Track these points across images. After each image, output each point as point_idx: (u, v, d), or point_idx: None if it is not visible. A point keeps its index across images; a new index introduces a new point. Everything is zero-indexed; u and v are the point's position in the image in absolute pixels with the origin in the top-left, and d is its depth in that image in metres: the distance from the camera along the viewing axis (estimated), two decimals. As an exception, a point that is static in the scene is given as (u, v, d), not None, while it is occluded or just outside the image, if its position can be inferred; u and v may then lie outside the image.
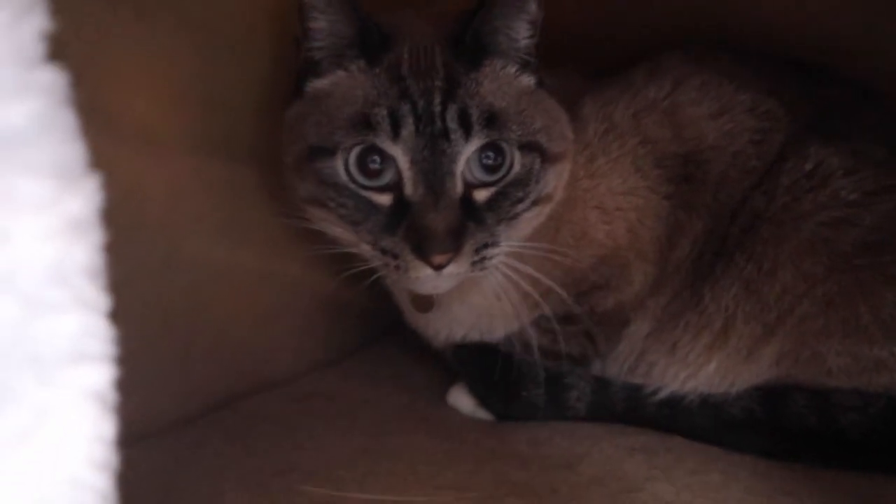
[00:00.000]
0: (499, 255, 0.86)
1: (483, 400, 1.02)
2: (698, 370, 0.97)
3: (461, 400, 1.04)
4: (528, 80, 0.88)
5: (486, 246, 0.84)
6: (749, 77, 1.01)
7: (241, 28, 0.97)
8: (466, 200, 0.83)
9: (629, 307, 1.02)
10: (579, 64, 1.06)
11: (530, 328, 0.99)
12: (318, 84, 0.87)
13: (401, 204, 0.82)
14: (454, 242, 0.81)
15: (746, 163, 0.98)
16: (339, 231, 0.87)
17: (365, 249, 0.85)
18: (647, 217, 0.98)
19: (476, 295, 0.91)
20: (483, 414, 1.02)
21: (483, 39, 0.85)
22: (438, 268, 0.81)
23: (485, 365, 1.00)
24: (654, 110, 0.99)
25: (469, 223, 0.83)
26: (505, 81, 0.86)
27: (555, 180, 0.89)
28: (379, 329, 1.22)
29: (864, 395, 0.89)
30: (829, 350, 0.90)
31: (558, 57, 0.93)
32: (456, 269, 0.82)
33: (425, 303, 0.98)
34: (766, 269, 0.94)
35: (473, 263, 0.83)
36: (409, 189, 0.82)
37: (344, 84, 0.85)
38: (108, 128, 0.81)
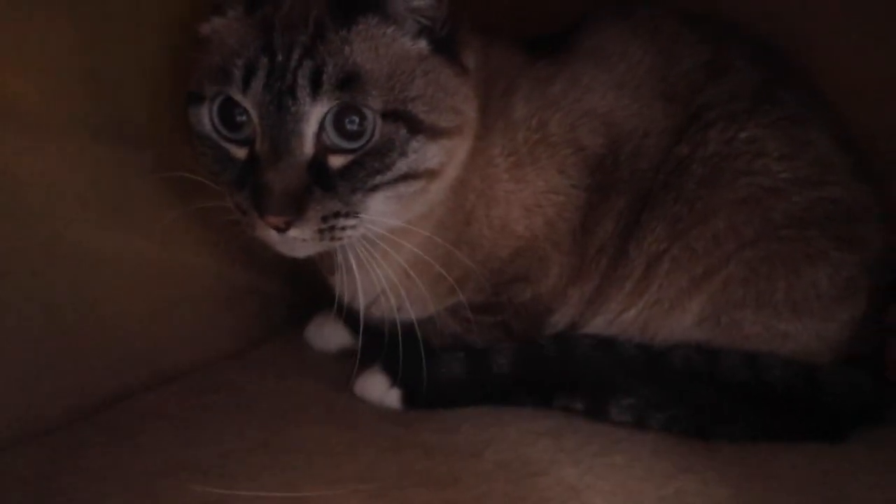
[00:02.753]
0: (356, 226, 0.82)
1: (400, 378, 0.97)
2: (618, 315, 0.98)
3: (369, 387, 0.99)
4: (416, 45, 0.84)
5: (336, 215, 0.80)
6: (688, 47, 0.99)
7: (128, 2, 0.92)
8: (318, 164, 0.80)
9: (547, 299, 1.00)
10: (518, 28, 1.03)
11: (445, 314, 0.97)
12: (203, 28, 0.85)
13: (254, 159, 0.80)
14: (293, 205, 0.78)
15: (659, 125, 0.97)
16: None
17: (228, 203, 0.84)
18: (567, 209, 0.97)
19: (377, 267, 0.87)
20: (392, 401, 0.97)
21: None
22: (278, 229, 0.79)
23: (400, 338, 0.95)
24: (593, 118, 0.97)
25: (316, 188, 0.79)
26: (382, 42, 0.82)
27: (441, 156, 0.85)
28: (284, 319, 1.18)
29: (782, 356, 0.95)
30: (744, 318, 0.95)
31: (497, 21, 0.91)
32: (300, 234, 0.80)
33: (328, 265, 0.96)
34: (698, 209, 0.94)
35: (321, 231, 0.80)
36: (258, 144, 0.80)
37: (221, 31, 0.83)
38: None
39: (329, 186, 0.80)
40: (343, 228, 0.81)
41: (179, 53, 0.92)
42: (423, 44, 0.84)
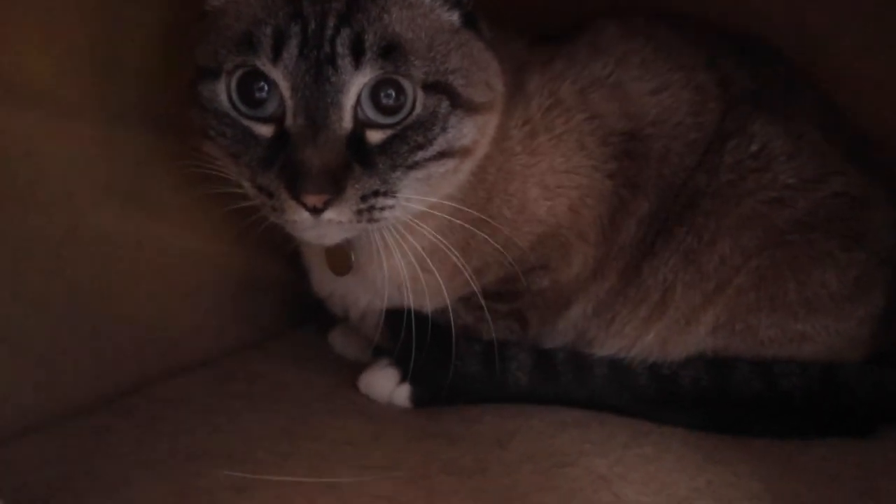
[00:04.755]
0: (394, 207, 0.78)
1: (413, 373, 0.95)
2: (635, 341, 0.97)
3: (376, 384, 0.97)
4: (450, 17, 0.81)
5: (376, 194, 0.76)
6: (685, 50, 0.99)
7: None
8: (357, 140, 0.75)
9: (568, 289, 0.99)
10: (522, 28, 1.01)
11: (458, 304, 0.95)
12: (214, 1, 0.80)
13: (282, 137, 0.75)
14: (333, 183, 0.73)
15: (686, 136, 0.96)
16: (224, 168, 0.81)
17: (247, 188, 0.78)
18: (590, 196, 0.95)
19: (400, 258, 0.84)
20: (401, 399, 0.95)
21: None
22: (314, 211, 0.74)
23: (417, 331, 0.91)
24: (601, 86, 0.96)
25: (355, 165, 0.75)
26: (419, 12, 0.78)
27: (474, 133, 0.82)
28: (307, 310, 1.17)
29: (800, 361, 0.94)
30: (759, 322, 0.93)
31: (502, 19, 0.90)
32: (337, 216, 0.75)
33: (341, 263, 0.91)
34: (706, 239, 0.94)
35: (360, 212, 0.75)
36: (289, 119, 0.74)
37: (239, 0, 0.78)
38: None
39: (368, 163, 0.76)
40: (382, 209, 0.77)
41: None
42: (455, 16, 0.81)
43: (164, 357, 0.99)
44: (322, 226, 0.77)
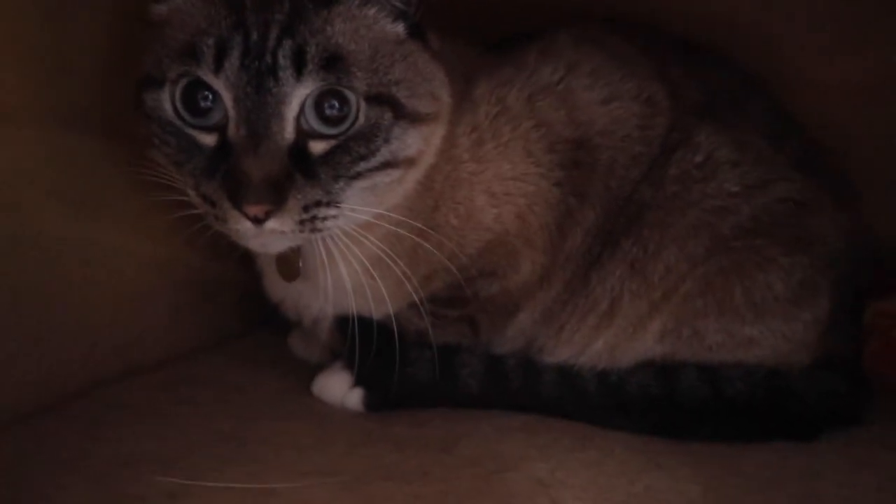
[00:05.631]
0: (337, 217, 0.79)
1: (364, 377, 0.95)
2: (584, 349, 0.97)
3: (329, 388, 0.97)
4: (395, 28, 0.81)
5: (318, 204, 0.77)
6: (637, 60, 1.00)
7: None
8: (300, 151, 0.76)
9: (516, 295, 0.99)
10: (470, 37, 1.02)
11: (407, 310, 0.95)
12: (158, 9, 0.80)
13: (225, 146, 0.75)
14: (274, 194, 0.73)
15: (633, 149, 0.97)
16: (171, 175, 0.81)
17: (191, 195, 0.78)
18: (537, 204, 0.95)
19: (344, 266, 0.85)
20: (353, 403, 0.95)
21: None
22: (256, 221, 0.74)
23: (367, 337, 0.91)
24: (549, 93, 0.96)
25: (297, 175, 0.75)
26: (363, 24, 0.79)
27: (419, 143, 0.83)
28: (261, 313, 1.16)
29: (746, 366, 0.95)
30: (707, 328, 0.94)
31: (453, 28, 0.90)
32: (279, 226, 0.75)
33: (290, 269, 0.92)
34: (651, 250, 0.95)
35: (302, 222, 0.76)
36: (231, 129, 0.75)
37: (182, 10, 0.78)
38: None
39: (311, 174, 0.76)
40: (324, 219, 0.77)
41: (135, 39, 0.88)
42: (400, 27, 0.82)
43: (114, 362, 0.98)
44: (265, 235, 0.77)
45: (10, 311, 0.86)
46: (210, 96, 0.76)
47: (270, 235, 0.77)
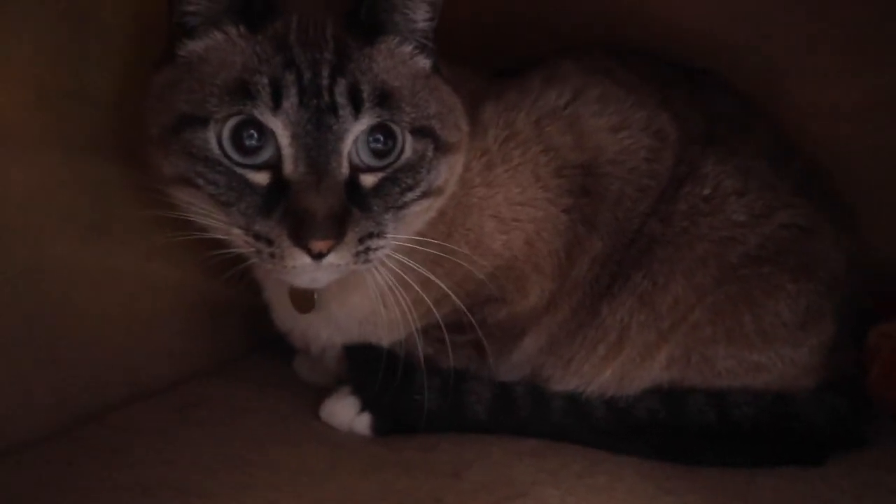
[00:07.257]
0: (384, 247, 0.80)
1: (372, 404, 0.96)
2: (593, 378, 0.98)
3: (337, 413, 0.97)
4: (423, 63, 0.84)
5: (370, 235, 0.78)
6: (642, 88, 1.01)
7: (106, 14, 0.91)
8: (352, 184, 0.77)
9: (524, 320, 1.00)
10: (477, 63, 1.04)
11: (418, 336, 0.96)
12: (193, 47, 0.79)
13: (279, 184, 0.75)
14: (336, 229, 0.74)
15: (641, 181, 0.98)
16: (206, 214, 0.79)
17: (236, 235, 0.78)
18: (546, 230, 0.96)
19: (358, 296, 0.86)
20: (361, 428, 0.96)
21: (379, 16, 0.80)
22: (318, 256, 0.75)
23: (376, 365, 0.94)
24: (556, 118, 0.97)
25: (354, 209, 0.77)
26: (400, 61, 0.81)
27: (446, 172, 0.85)
28: (267, 335, 1.17)
29: (754, 391, 0.96)
30: (716, 354, 0.95)
31: (458, 55, 0.91)
32: (337, 260, 0.76)
33: (306, 301, 0.92)
34: (660, 283, 0.96)
35: (357, 254, 0.77)
36: (288, 167, 0.75)
37: (221, 48, 0.77)
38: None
39: (365, 206, 0.78)
40: (376, 249, 0.79)
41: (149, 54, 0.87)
42: (427, 62, 0.84)
43: (125, 385, 0.99)
44: (321, 270, 0.77)
45: (22, 335, 0.87)
46: (256, 135, 0.76)
47: (327, 270, 0.78)
